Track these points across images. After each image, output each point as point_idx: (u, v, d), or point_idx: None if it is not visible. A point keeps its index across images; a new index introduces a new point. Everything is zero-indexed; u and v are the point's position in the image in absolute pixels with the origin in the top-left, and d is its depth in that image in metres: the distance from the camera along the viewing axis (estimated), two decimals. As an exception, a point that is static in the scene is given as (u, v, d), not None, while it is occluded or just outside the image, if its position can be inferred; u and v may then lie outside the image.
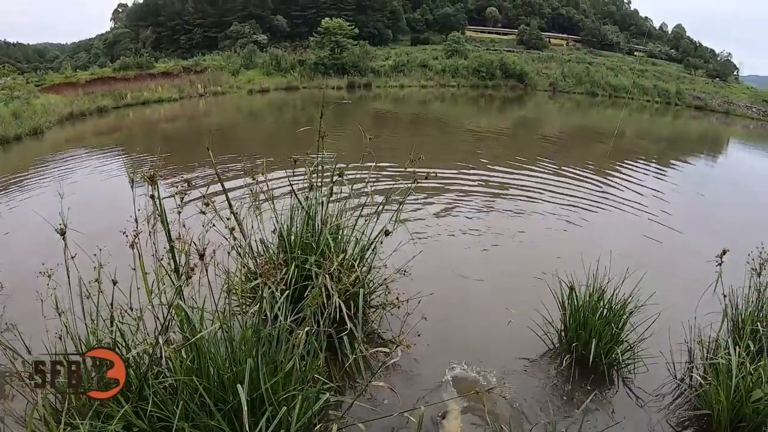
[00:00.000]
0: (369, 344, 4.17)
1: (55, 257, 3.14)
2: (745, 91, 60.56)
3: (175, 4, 69.39)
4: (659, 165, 16.58)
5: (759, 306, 4.41)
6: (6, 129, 17.73)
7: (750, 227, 9.17)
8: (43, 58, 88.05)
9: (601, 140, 22.37)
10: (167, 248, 3.11)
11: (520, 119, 30.74)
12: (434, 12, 74.68)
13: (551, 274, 4.96)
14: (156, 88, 34.49)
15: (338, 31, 46.50)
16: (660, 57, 75.09)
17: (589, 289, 4.48)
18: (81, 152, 15.63)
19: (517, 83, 49.24)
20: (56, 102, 26.27)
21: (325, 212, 4.37)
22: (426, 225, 8.28)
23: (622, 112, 37.58)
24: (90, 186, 10.55)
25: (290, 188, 4.42)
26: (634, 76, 57.29)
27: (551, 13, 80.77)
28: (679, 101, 51.47)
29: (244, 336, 3.04)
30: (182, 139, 18.98)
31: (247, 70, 44.05)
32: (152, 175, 2.84)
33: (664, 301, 4.70)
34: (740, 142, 31.34)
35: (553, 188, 11.49)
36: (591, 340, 4.25)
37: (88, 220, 6.18)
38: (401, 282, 4.66)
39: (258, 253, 4.33)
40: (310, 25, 57.35)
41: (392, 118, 26.48)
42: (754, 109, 51.90)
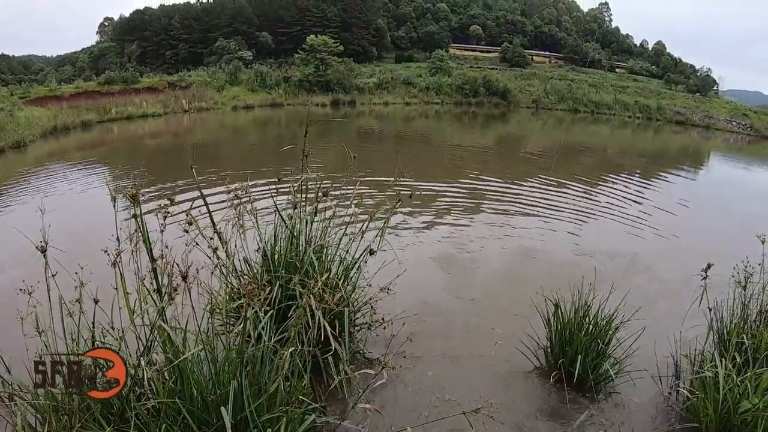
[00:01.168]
0: (354, 364, 4.13)
1: (36, 274, 3.06)
2: (725, 105, 62.02)
3: (161, 19, 69.53)
4: (642, 180, 16.81)
5: (744, 318, 4.45)
6: (-11, 141, 17.55)
7: (733, 239, 9.30)
8: (28, 70, 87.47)
9: (584, 155, 22.69)
10: (150, 268, 3.05)
11: (503, 136, 31.11)
12: (418, 30, 75.57)
13: (536, 291, 4.95)
14: (141, 103, 34.36)
15: (323, 48, 46.80)
16: (641, 73, 76.67)
17: (575, 305, 4.48)
18: (64, 166, 15.47)
19: (500, 100, 49.93)
20: (40, 115, 26.09)
21: (309, 231, 4.34)
22: (410, 241, 8.26)
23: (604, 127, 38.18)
24: (72, 202, 10.41)
25: (274, 206, 4.39)
26: (615, 92, 58.31)
27: (534, 30, 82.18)
28: (660, 116, 52.56)
29: (228, 357, 2.98)
30: (166, 155, 18.88)
31: (232, 87, 44.08)
32: (134, 193, 2.80)
33: (649, 316, 4.75)
34: (721, 154, 31.98)
35: (537, 203, 11.57)
36: (577, 356, 4.24)
37: (70, 236, 6.08)
38: (386, 300, 4.63)
39: (242, 272, 4.28)
40: (295, 42, 57.65)
41: (377, 135, 26.62)
42: (734, 122, 53.16)
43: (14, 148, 18.70)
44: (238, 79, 45.70)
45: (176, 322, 3.02)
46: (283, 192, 5.15)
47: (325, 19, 67.16)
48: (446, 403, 4.13)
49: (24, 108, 27.49)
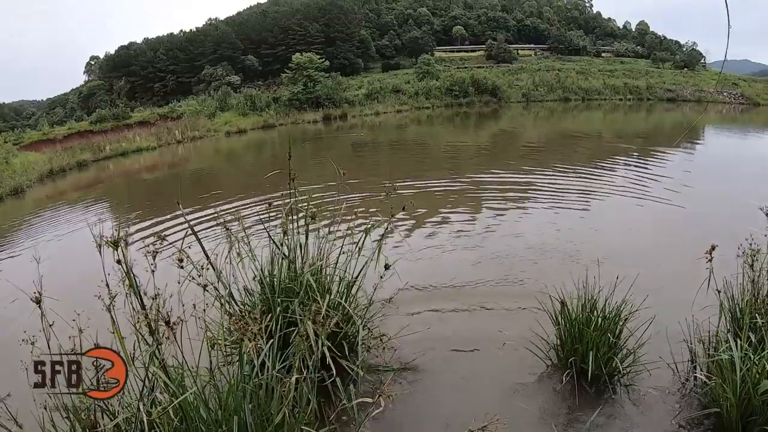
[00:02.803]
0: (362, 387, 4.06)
1: (36, 323, 3.04)
2: (714, 77, 62.01)
3: (146, 52, 69.96)
4: (639, 162, 16.75)
5: (755, 295, 4.37)
6: (-14, 190, 17.64)
7: (736, 212, 9.25)
8: (20, 116, 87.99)
9: (579, 143, 22.67)
10: (141, 310, 3.02)
11: (497, 132, 31.06)
12: (402, 37, 75.85)
13: (541, 290, 4.89)
14: (134, 138, 34.47)
15: (309, 65, 46.96)
16: (627, 55, 76.79)
17: (581, 300, 4.41)
18: (62, 210, 15.46)
19: (490, 98, 49.96)
20: (35, 159, 26.23)
21: (304, 254, 4.30)
22: (412, 248, 8.15)
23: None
24: (68, 246, 10.38)
25: (266, 231, 4.36)
26: (603, 77, 58.42)
27: (516, 25, 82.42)
28: (651, 96, 52.71)
29: (231, 391, 2.93)
30: (162, 187, 18.89)
31: (223, 113, 44.23)
32: (116, 240, 2.76)
33: (659, 303, 4.67)
34: (714, 126, 31.95)
35: (532, 200, 11.53)
36: (588, 352, 4.17)
37: (65, 283, 6.07)
38: (389, 318, 4.59)
39: (241, 301, 4.24)
40: (281, 62, 57.87)
41: (371, 146, 26.60)
42: (724, 93, 53.17)
43: (12, 195, 18.80)
44: (228, 104, 45.88)
45: (175, 359, 2.98)
46: (275, 217, 5.12)
47: (308, 36, 67.50)
48: (458, 414, 4.05)
49: (19, 154, 27.68)
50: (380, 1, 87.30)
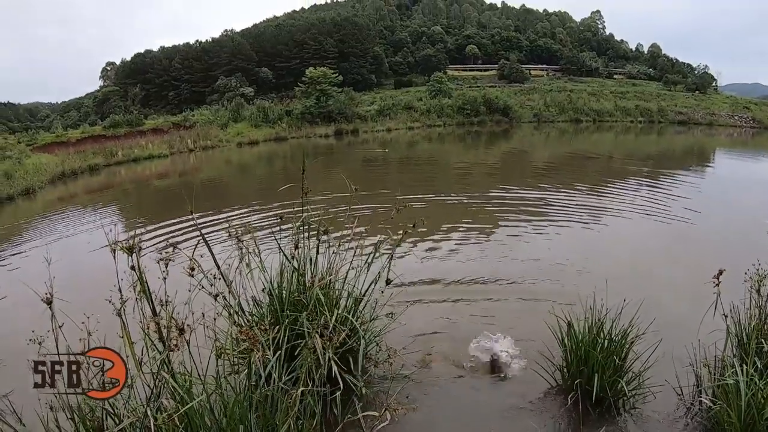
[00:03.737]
0: (367, 400, 4.06)
1: (45, 324, 3.07)
2: (725, 100, 62.23)
3: (162, 61, 70.90)
4: (649, 185, 16.68)
5: (762, 320, 4.35)
6: (-1, 189, 17.84)
7: (743, 238, 9.22)
8: (34, 117, 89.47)
9: (589, 163, 22.67)
10: (152, 316, 3.05)
11: (508, 152, 31.09)
12: (415, 54, 76.50)
13: (549, 310, 4.88)
14: (146, 145, 34.76)
15: (323, 79, 47.34)
16: (639, 77, 77.10)
17: (588, 322, 4.41)
18: (72, 212, 15.62)
19: (501, 117, 50.14)
20: (48, 161, 26.52)
21: (314, 268, 4.33)
22: (422, 265, 8.16)
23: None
24: (79, 249, 10.45)
25: (277, 244, 4.40)
26: (615, 99, 58.52)
27: (529, 45, 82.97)
28: (662, 118, 52.69)
29: (237, 401, 2.95)
30: (173, 195, 18.98)
31: (236, 123, 44.56)
32: (131, 246, 2.81)
33: (665, 326, 4.66)
34: (725, 150, 31.86)
35: (541, 218, 11.51)
36: (594, 374, 4.16)
37: (76, 286, 6.12)
38: (396, 332, 4.59)
39: (249, 312, 4.26)
40: (295, 75, 58.43)
41: (382, 162, 26.69)
42: (736, 117, 53.25)
43: (24, 195, 19.03)
44: (240, 115, 46.26)
45: (183, 367, 3.00)
46: (286, 229, 5.16)
47: (322, 50, 68.23)
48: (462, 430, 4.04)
49: (31, 155, 28.01)
50: (395, 19, 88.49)
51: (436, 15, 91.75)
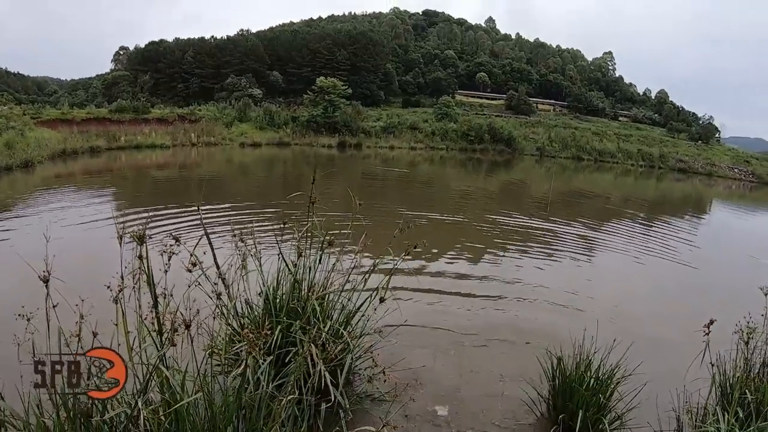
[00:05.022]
0: (354, 416, 4.04)
1: (36, 300, 3.03)
2: (727, 152, 63.06)
3: (175, 52, 71.09)
4: (644, 229, 16.79)
5: (747, 371, 4.39)
6: (-2, 158, 17.80)
7: (736, 290, 9.30)
8: (42, 91, 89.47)
9: (587, 201, 22.84)
10: (151, 307, 3.04)
11: (508, 183, 31.25)
12: (426, 75, 77.10)
13: (539, 343, 4.91)
14: (150, 134, 34.85)
15: (332, 90, 47.69)
16: (644, 121, 78.05)
17: (576, 359, 4.43)
18: (71, 191, 15.58)
19: (504, 147, 50.48)
20: (50, 137, 26.52)
21: (312, 278, 4.34)
22: (416, 287, 8.13)
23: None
24: (77, 230, 10.40)
25: (279, 250, 4.40)
26: (618, 140, 59.12)
27: (539, 79, 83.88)
28: (663, 164, 53.20)
29: (225, 401, 2.94)
30: (173, 188, 18.98)
31: (241, 123, 44.72)
32: (142, 234, 2.81)
33: (651, 370, 4.68)
34: (722, 202, 32.18)
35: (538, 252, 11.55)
36: (578, 410, 4.17)
37: (73, 267, 6.07)
38: (389, 347, 4.58)
39: (243, 314, 4.26)
40: (305, 82, 58.81)
41: (382, 179, 26.77)
42: (736, 170, 53.89)
43: (22, 167, 19.00)
44: (247, 116, 46.43)
45: (174, 362, 2.99)
46: (287, 236, 5.17)
47: (335, 61, 68.68)
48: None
49: (35, 129, 27.92)
50: (410, 38, 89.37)
51: (451, 39, 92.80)
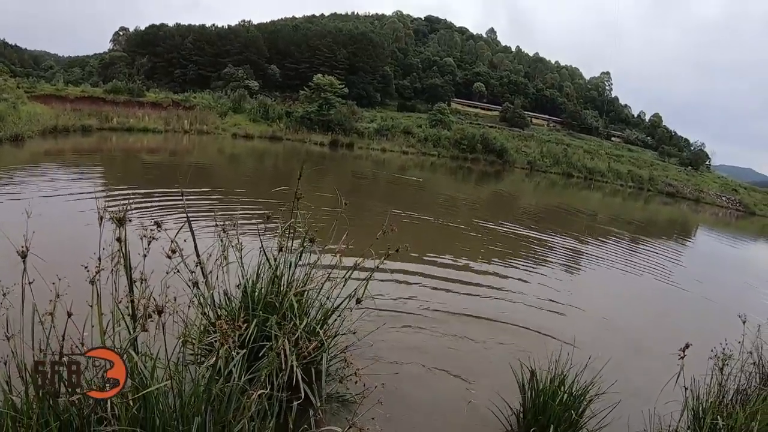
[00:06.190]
0: (323, 416, 4.01)
1: (12, 276, 2.98)
2: (716, 180, 64.00)
3: (174, 37, 70.57)
4: (627, 250, 16.94)
5: (720, 397, 4.43)
6: (-13, 130, 17.58)
7: (716, 316, 9.44)
8: (38, 65, 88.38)
9: (573, 218, 23.04)
10: (127, 292, 3.00)
11: (497, 193, 31.38)
12: (423, 81, 77.24)
13: (513, 355, 4.92)
14: (143, 117, 34.64)
15: (329, 88, 47.69)
16: (636, 143, 78.85)
17: (551, 373, 4.44)
18: (58, 168, 15.40)
19: (496, 158, 50.67)
20: (43, 112, 26.27)
21: (292, 274, 4.31)
22: (396, 292, 8.11)
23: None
24: (59, 208, 10.27)
25: (260, 243, 4.37)
26: (609, 160, 59.68)
27: (535, 93, 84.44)
28: (652, 187, 53.79)
29: (195, 391, 2.91)
30: (161, 173, 18.81)
31: (235, 114, 44.55)
32: (121, 217, 2.77)
33: (625, 389, 4.72)
34: (707, 228, 32.61)
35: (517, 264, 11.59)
36: (549, 425, 4.18)
37: (52, 245, 5.97)
38: (363, 349, 4.56)
39: (219, 305, 4.22)
40: (302, 78, 58.60)
41: (371, 180, 26.76)
42: (723, 197, 54.61)
43: (11, 140, 18.77)
44: (241, 107, 46.26)
45: (147, 348, 2.95)
46: (270, 229, 5.14)
47: (333, 60, 68.58)
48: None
49: (28, 103, 27.61)
50: (410, 43, 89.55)
51: (451, 47, 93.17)
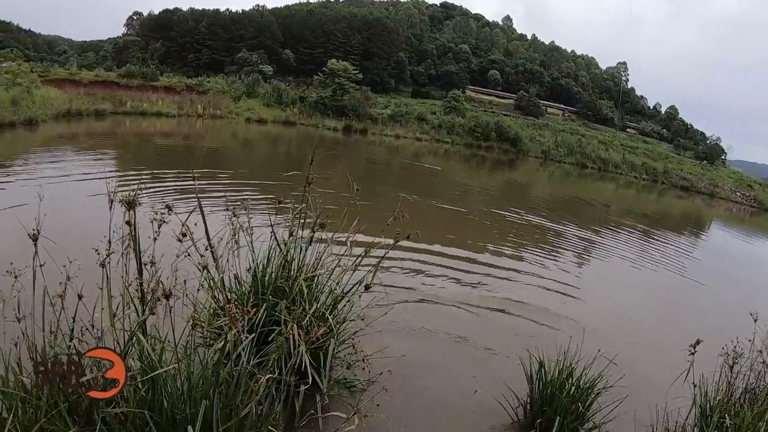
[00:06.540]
0: (329, 401, 4.03)
1: (24, 259, 3.01)
2: (731, 175, 62.82)
3: (188, 21, 70.53)
4: (641, 242, 16.79)
5: (729, 395, 4.38)
6: (2, 113, 17.71)
7: (725, 311, 9.34)
8: (52, 50, 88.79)
9: (587, 209, 22.86)
10: (137, 274, 3.02)
11: (511, 182, 31.18)
12: (438, 68, 76.62)
13: (521, 345, 4.90)
14: (156, 101, 34.70)
15: (343, 73, 47.46)
16: (651, 135, 77.65)
17: (559, 365, 4.42)
18: (71, 152, 15.50)
19: (510, 147, 50.19)
20: (56, 96, 26.41)
21: (302, 258, 4.31)
22: (406, 278, 8.12)
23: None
24: (72, 192, 10.36)
25: (271, 227, 4.38)
26: (624, 152, 58.91)
27: (551, 82, 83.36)
28: (666, 180, 52.95)
29: (204, 375, 2.93)
30: (174, 157, 18.88)
31: (249, 98, 44.50)
32: (131, 200, 2.78)
33: (633, 383, 4.68)
34: (721, 223, 32.21)
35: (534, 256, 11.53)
36: (556, 417, 4.17)
37: (64, 228, 6.04)
38: (371, 336, 4.56)
39: (230, 289, 4.24)
40: (316, 63, 58.35)
41: (384, 167, 26.70)
42: (738, 193, 53.64)
43: (26, 124, 18.90)
44: (255, 91, 46.21)
45: (156, 331, 2.97)
46: (281, 214, 5.14)
47: (348, 45, 68.24)
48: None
49: (41, 87, 27.75)
50: (425, 29, 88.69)
51: (466, 34, 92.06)
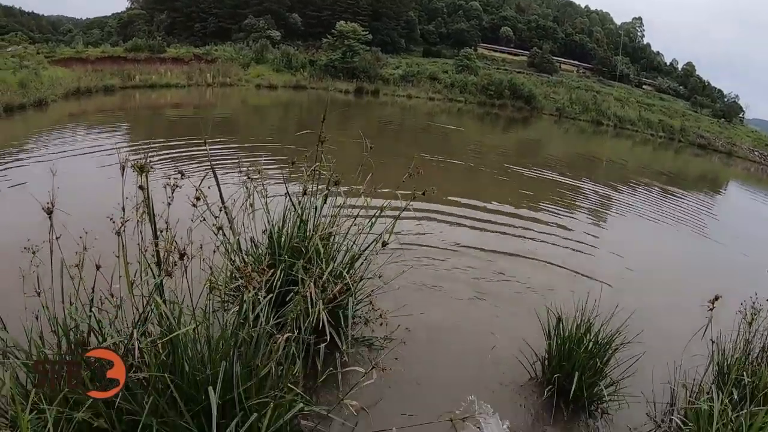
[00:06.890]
0: (348, 358, 4.08)
1: (41, 234, 3.03)
2: (749, 134, 61.23)
3: (193, -10, 69.42)
4: (660, 199, 16.57)
5: (746, 354, 4.36)
6: (12, 97, 17.70)
7: (746, 271, 9.23)
8: (56, 30, 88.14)
9: (603, 166, 22.59)
10: (152, 239, 3.03)
11: (525, 139, 30.75)
12: (449, 26, 74.95)
13: (539, 301, 4.90)
14: (165, 73, 34.48)
15: (352, 35, 46.71)
16: (668, 92, 75.64)
17: (577, 320, 4.41)
18: (82, 129, 15.57)
19: (524, 105, 49.29)
20: (64, 75, 26.31)
21: (317, 217, 4.30)
22: (423, 235, 8.06)
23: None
24: (84, 165, 10.44)
25: (285, 188, 4.37)
26: (640, 109, 57.59)
27: (564, 38, 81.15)
28: (683, 138, 51.79)
29: (223, 336, 2.96)
30: (185, 126, 18.84)
31: (258, 65, 44.03)
32: (143, 165, 2.76)
33: (651, 339, 4.67)
34: (740, 183, 31.65)
35: (547, 208, 11.44)
36: (574, 372, 4.18)
37: (78, 200, 6.07)
38: (388, 294, 4.58)
39: (246, 251, 4.26)
40: (324, 26, 57.36)
41: (398, 127, 26.45)
42: (756, 152, 52.36)
43: (36, 106, 18.92)
44: (264, 57, 45.67)
45: (174, 296, 3.00)
46: (295, 175, 5.11)
47: (356, 6, 66.81)
48: (435, 407, 4.07)
49: (49, 67, 27.70)
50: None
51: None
